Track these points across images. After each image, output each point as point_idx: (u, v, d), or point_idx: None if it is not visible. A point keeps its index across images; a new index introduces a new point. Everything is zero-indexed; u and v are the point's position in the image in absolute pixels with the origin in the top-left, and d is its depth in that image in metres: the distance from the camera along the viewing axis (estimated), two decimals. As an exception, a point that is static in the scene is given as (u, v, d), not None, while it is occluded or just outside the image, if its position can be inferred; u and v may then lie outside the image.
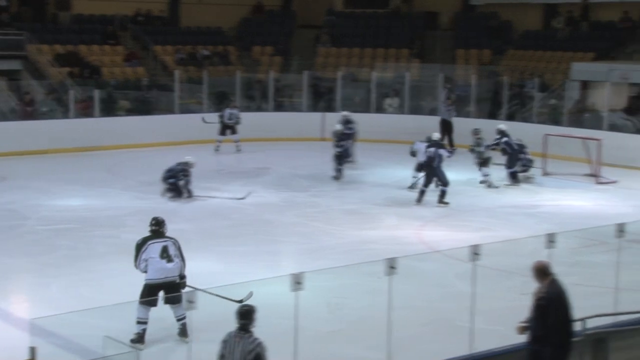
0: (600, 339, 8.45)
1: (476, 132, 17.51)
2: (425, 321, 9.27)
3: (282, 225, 13.87)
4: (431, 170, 15.49)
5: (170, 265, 8.54)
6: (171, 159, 16.36)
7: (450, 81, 23.38)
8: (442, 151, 15.68)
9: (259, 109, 24.09)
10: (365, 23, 28.72)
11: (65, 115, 21.44)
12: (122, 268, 10.52)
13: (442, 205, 15.22)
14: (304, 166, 19.37)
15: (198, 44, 26.85)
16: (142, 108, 23.07)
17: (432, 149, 15.56)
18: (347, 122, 19.14)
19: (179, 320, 8.53)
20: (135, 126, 22.00)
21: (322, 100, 24.49)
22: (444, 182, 15.37)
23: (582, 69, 22.72)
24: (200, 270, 11.01)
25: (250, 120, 23.37)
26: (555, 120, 21.54)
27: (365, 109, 23.90)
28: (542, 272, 7.22)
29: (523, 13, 27.59)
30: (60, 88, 22.06)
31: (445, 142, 19.39)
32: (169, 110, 22.97)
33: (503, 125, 18.26)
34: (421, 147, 16.26)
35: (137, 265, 8.63)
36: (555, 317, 7.03)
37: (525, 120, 21.76)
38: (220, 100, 23.31)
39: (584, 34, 26.00)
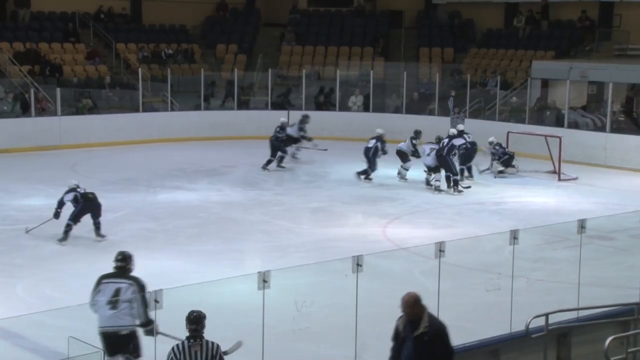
0: (563, 334, 8.57)
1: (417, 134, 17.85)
2: (391, 319, 9.28)
3: (247, 223, 13.83)
4: (443, 160, 16.35)
5: (111, 312, 7.25)
6: (134, 157, 16.24)
7: (456, 88, 23.42)
8: (455, 141, 16.94)
9: (224, 107, 24.01)
10: (329, 21, 28.77)
11: (26, 114, 21.13)
12: (87, 268, 10.42)
13: (457, 193, 16.09)
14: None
15: (161, 42, 26.63)
16: (105, 106, 22.84)
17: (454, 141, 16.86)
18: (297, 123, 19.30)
19: None
20: (98, 125, 21.78)
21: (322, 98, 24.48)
22: (453, 172, 16.21)
23: (543, 67, 23.02)
24: (166, 269, 10.96)
25: (215, 119, 23.32)
26: (518, 118, 21.79)
27: (331, 107, 23.94)
28: (417, 304, 6.59)
29: (485, 12, 27.85)
30: (21, 87, 21.73)
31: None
32: (133, 109, 22.77)
33: (461, 125, 18.52)
34: (426, 149, 16.85)
35: (90, 306, 7.37)
36: (441, 352, 6.49)
37: (488, 118, 21.97)
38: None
39: (544, 32, 26.33)
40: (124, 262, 7.53)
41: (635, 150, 19.13)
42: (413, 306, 6.55)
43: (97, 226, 12.62)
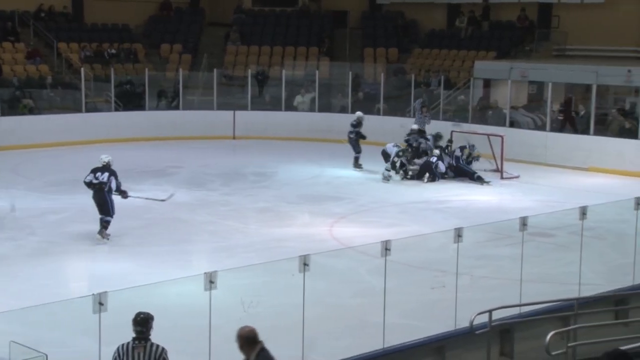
0: (506, 330, 8.73)
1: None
2: (338, 317, 9.35)
3: (194, 224, 13.73)
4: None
5: None
6: (78, 158, 15.97)
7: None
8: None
9: (170, 107, 23.79)
10: (274, 21, 28.73)
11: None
12: (28, 271, 10.23)
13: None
14: (215, 165, 19.22)
15: (104, 42, 26.25)
16: (47, 107, 22.41)
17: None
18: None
19: None
20: (40, 125, 21.36)
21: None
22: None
23: (485, 67, 23.37)
24: (112, 271, 10.83)
25: (161, 119, 23.10)
26: (461, 118, 22.07)
27: (276, 107, 23.92)
28: (252, 340, 6.04)
29: (428, 12, 28.16)
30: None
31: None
32: (76, 109, 22.40)
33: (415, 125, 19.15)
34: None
35: None
36: None
37: (432, 117, 22.16)
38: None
39: (486, 33, 26.76)
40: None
41: (574, 149, 19.57)
42: (242, 346, 6.00)
43: (101, 223, 12.24)
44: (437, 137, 18.66)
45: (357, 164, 18.92)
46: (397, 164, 17.69)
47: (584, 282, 9.77)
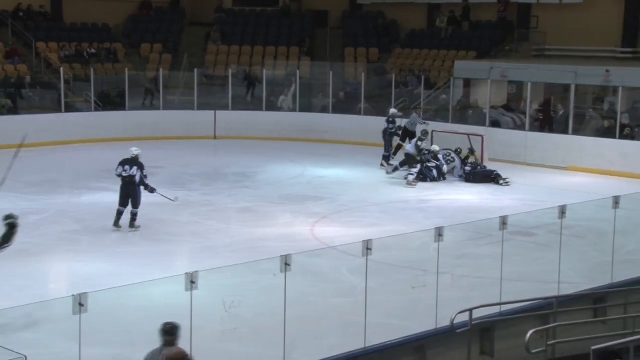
0: (487, 329, 8.79)
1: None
2: (320, 317, 9.37)
3: (175, 224, 13.69)
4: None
5: None
6: (57, 158, 15.89)
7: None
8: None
9: (150, 107, 23.69)
10: (255, 21, 28.70)
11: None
12: (7, 272, 10.14)
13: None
14: (196, 165, 19.18)
15: (83, 41, 26.10)
16: (26, 107, 22.24)
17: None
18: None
19: None
20: (18, 126, 21.16)
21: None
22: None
23: (465, 67, 23.50)
24: (92, 272, 10.77)
25: (141, 119, 23.00)
26: (442, 117, 22.16)
27: (257, 107, 23.90)
28: None
29: (408, 13, 28.25)
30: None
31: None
32: (55, 109, 22.26)
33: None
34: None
35: None
36: None
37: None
38: None
39: (466, 33, 26.89)
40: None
41: (553, 148, 19.71)
42: None
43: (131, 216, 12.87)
44: (424, 133, 18.57)
45: (387, 163, 18.79)
46: (422, 148, 17.67)
47: (563, 280, 9.86)
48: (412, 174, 17.27)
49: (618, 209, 10.36)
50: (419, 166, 17.40)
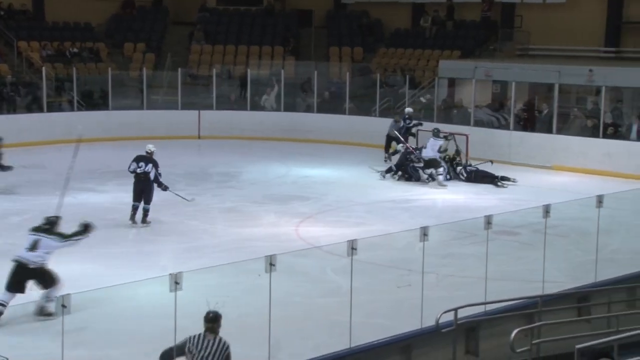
0: (472, 328, 8.83)
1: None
2: (305, 317, 9.38)
3: (160, 224, 13.65)
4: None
5: None
6: (39, 159, 15.79)
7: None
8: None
9: (134, 106, 23.60)
10: (239, 20, 28.66)
11: None
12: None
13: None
14: (181, 165, 19.12)
15: (65, 40, 25.96)
16: (7, 107, 22.10)
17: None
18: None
19: None
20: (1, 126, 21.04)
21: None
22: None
23: (449, 66, 23.58)
24: (76, 273, 10.70)
25: (124, 119, 22.93)
26: (427, 117, 22.20)
27: (242, 107, 23.87)
28: None
29: (392, 12, 28.31)
30: None
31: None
32: (37, 109, 22.13)
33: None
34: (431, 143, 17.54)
35: None
36: None
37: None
38: None
39: (450, 33, 26.98)
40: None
41: (537, 148, 19.82)
42: None
43: (143, 212, 13.25)
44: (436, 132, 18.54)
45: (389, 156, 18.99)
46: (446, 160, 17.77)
47: (547, 279, 9.92)
48: (440, 174, 17.22)
49: (602, 208, 10.43)
50: (444, 166, 17.47)
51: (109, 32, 27.71)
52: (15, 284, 8.92)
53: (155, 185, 13.42)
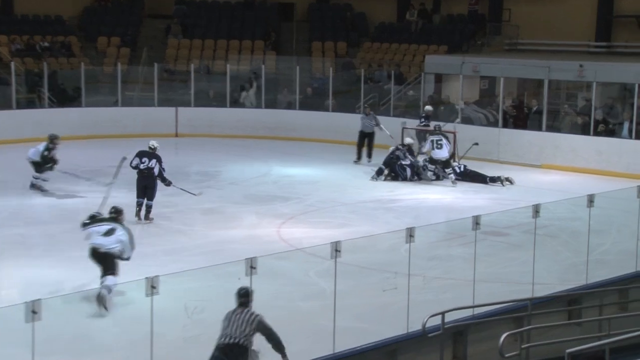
0: (459, 332, 8.86)
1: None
2: (287, 321, 9.36)
3: (135, 226, 13.57)
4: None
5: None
6: (8, 158, 15.66)
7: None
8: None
9: (108, 103, 23.50)
10: (217, 13, 28.62)
11: None
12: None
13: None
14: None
15: (36, 34, 25.82)
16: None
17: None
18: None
19: None
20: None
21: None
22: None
23: (436, 61, 23.65)
24: (47, 278, 10.66)
25: (98, 116, 22.81)
26: (413, 114, 22.25)
27: (221, 103, 23.82)
28: None
29: (377, 5, 28.37)
30: None
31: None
32: (6, 106, 21.98)
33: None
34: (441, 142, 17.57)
35: None
36: None
37: (383, 113, 22.28)
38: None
39: (437, 27, 27.08)
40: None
41: (527, 146, 19.92)
42: None
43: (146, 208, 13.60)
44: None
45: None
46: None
47: (537, 281, 9.98)
48: (451, 173, 17.37)
49: (593, 208, 10.50)
50: (455, 164, 17.62)
51: (81, 25, 27.57)
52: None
53: (158, 181, 13.78)
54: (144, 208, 13.69)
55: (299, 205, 15.38)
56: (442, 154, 17.56)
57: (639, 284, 10.83)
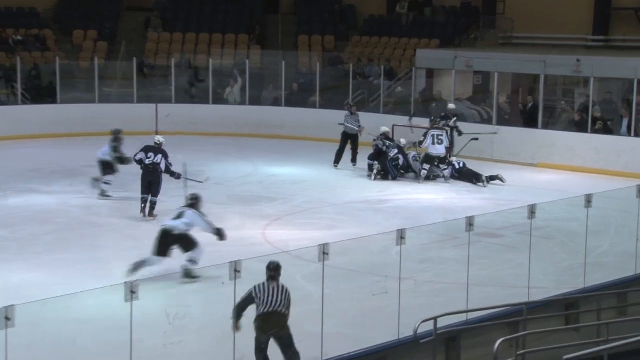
0: (452, 338, 8.88)
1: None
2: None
3: (113, 229, 13.56)
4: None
5: None
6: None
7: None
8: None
9: (85, 100, 23.42)
10: (199, 6, 28.53)
11: None
12: None
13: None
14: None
15: (8, 27, 25.71)
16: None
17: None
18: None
19: None
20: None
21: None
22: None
23: (428, 56, 23.69)
24: (20, 283, 10.61)
25: (74, 113, 22.73)
26: (404, 110, 22.29)
27: (203, 100, 23.78)
28: None
29: (366, -3, 28.40)
30: None
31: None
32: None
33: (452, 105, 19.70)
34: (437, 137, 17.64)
35: None
36: None
37: (372, 110, 22.30)
38: None
39: (428, 20, 27.12)
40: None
41: (522, 144, 19.97)
42: None
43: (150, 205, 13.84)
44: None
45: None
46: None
47: (533, 285, 10.01)
48: (446, 169, 17.52)
49: (590, 208, 10.53)
50: (453, 160, 17.77)
51: (56, 18, 27.47)
52: (161, 249, 10.56)
53: (163, 177, 13.99)
54: (148, 204, 13.84)
55: (285, 206, 15.37)
56: (441, 150, 17.63)
57: (639, 287, 10.86)
